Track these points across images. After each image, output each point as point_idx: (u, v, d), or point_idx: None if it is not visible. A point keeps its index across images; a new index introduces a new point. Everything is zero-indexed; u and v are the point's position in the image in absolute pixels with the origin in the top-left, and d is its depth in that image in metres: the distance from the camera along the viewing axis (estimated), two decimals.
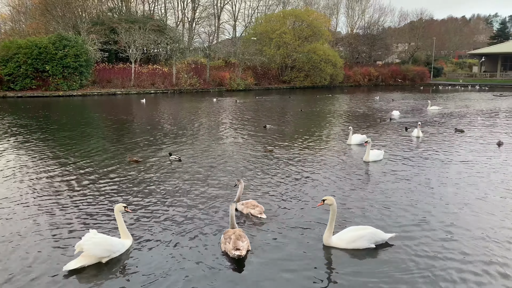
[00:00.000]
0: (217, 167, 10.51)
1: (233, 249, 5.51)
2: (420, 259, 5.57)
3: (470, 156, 11.86)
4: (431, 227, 6.62)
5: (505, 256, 5.72)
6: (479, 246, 5.96)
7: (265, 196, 8.26)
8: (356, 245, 5.83)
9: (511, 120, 21.20)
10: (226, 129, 17.57)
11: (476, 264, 5.46)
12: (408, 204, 7.70)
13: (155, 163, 10.93)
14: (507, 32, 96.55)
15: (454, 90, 51.15)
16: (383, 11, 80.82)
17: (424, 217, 7.04)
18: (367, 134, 14.89)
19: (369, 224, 6.49)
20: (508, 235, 6.38)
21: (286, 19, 56.27)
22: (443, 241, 6.12)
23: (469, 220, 6.94)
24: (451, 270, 5.30)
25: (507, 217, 7.18)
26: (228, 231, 5.94)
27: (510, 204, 7.85)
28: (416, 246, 5.95)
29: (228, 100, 33.67)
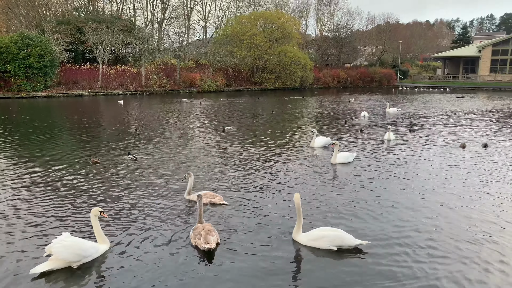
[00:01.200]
0: (176, 166, 10.71)
1: (203, 243, 5.71)
2: (383, 267, 5.40)
3: (436, 159, 11.86)
4: (401, 235, 6.38)
5: (479, 256, 5.89)
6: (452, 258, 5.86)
7: (230, 195, 8.36)
8: (316, 244, 5.87)
9: (473, 121, 22.10)
10: (188, 131, 17.43)
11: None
12: (376, 209, 7.56)
13: (117, 164, 10.95)
14: (468, 37, 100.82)
15: (420, 92, 52.85)
16: (351, 15, 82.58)
17: (395, 224, 6.85)
18: (333, 137, 14.74)
19: (341, 227, 6.44)
20: (479, 238, 6.44)
21: (257, 21, 56.51)
22: (414, 249, 5.95)
23: (442, 225, 6.82)
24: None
25: (476, 220, 7.38)
26: (198, 227, 6.09)
27: (477, 208, 7.96)
28: (383, 255, 5.71)
29: (195, 102, 33.43)
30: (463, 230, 6.61)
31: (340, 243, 5.81)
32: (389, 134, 14.97)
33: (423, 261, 5.57)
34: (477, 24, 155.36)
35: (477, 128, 18.94)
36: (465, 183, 9.40)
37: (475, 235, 6.44)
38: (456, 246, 6.01)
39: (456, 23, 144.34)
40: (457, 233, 6.49)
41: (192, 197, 7.85)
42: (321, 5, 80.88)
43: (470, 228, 6.77)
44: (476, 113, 25.71)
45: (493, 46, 69.24)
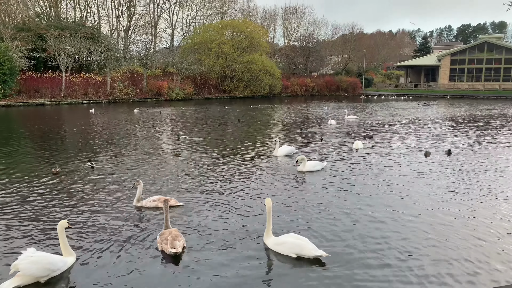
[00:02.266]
0: (133, 174, 10.66)
1: (170, 248, 5.84)
2: (343, 280, 5.33)
3: (400, 167, 11.92)
4: (366, 248, 6.26)
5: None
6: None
7: (192, 200, 8.34)
8: (279, 249, 5.97)
9: (435, 129, 22.94)
10: (145, 139, 17.17)
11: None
12: (341, 219, 7.46)
13: (76, 173, 10.80)
14: (428, 46, 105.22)
15: (385, 100, 54.48)
16: (318, 24, 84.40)
17: (359, 234, 6.74)
18: (297, 147, 14.46)
19: (305, 235, 6.35)
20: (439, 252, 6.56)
21: (225, 29, 56.68)
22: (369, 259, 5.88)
23: (406, 236, 6.78)
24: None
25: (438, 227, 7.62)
26: (164, 232, 6.19)
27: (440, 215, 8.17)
28: (344, 267, 5.64)
29: (154, 111, 32.94)
30: (428, 241, 6.60)
31: (299, 251, 5.81)
32: (357, 143, 14.94)
33: (384, 274, 5.54)
34: (437, 35, 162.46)
35: (440, 135, 19.63)
36: (430, 190, 9.49)
37: (438, 243, 6.55)
38: (421, 260, 5.90)
39: (417, 33, 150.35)
40: (424, 245, 6.36)
41: (145, 203, 7.91)
42: (288, 15, 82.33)
43: (434, 237, 6.92)
44: (439, 120, 26.73)
45: (451, 55, 72.51)
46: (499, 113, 33.10)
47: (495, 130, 21.41)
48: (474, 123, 24.80)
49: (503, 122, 25.92)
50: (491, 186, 9.96)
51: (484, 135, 19.38)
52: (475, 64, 70.07)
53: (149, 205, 7.88)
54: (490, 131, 21.15)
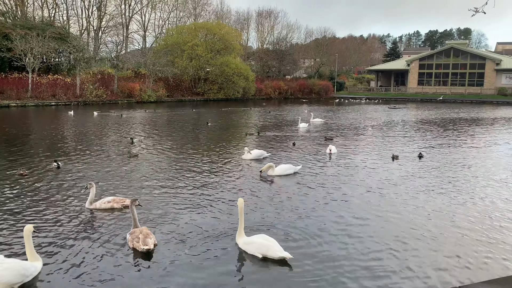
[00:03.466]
0: (89, 178, 10.42)
1: (142, 245, 5.99)
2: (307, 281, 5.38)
3: (371, 169, 12.02)
4: (330, 252, 6.24)
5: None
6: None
7: (162, 200, 8.17)
8: (247, 248, 6.13)
9: (405, 132, 23.50)
10: (101, 142, 16.83)
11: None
12: (308, 222, 7.45)
13: (43, 175, 10.65)
14: (398, 51, 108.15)
15: (357, 103, 55.47)
16: (291, 28, 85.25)
17: (325, 240, 6.67)
18: (271, 152, 14.35)
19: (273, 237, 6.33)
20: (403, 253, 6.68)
21: (198, 31, 56.33)
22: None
23: (378, 240, 6.81)
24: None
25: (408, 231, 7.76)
26: (135, 230, 6.29)
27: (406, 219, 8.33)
28: (309, 269, 5.66)
29: (114, 114, 32.30)
30: (396, 249, 6.53)
31: (265, 252, 5.92)
32: (330, 147, 14.52)
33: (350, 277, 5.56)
34: (406, 40, 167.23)
35: (410, 137, 20.13)
36: (398, 194, 9.54)
37: (405, 243, 6.68)
38: (387, 265, 5.87)
39: (387, 38, 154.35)
40: (390, 253, 6.30)
41: (99, 205, 7.92)
42: (261, 18, 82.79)
43: (401, 237, 7.05)
44: (410, 123, 27.43)
45: (420, 60, 74.75)
46: (466, 116, 34.32)
47: (462, 133, 22.15)
48: (442, 126, 25.59)
49: (469, 125, 26.88)
50: (461, 187, 10.27)
51: (452, 138, 20.01)
52: (442, 68, 72.49)
53: (104, 206, 7.90)
54: (458, 133, 21.87)
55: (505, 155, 15.22)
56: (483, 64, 68.99)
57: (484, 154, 15.38)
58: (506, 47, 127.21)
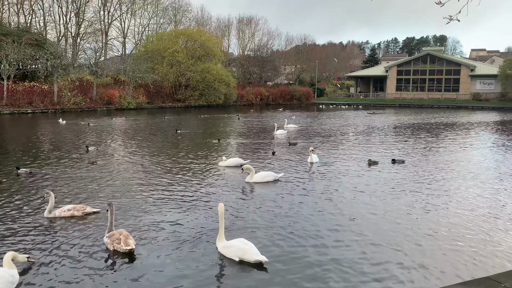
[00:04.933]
0: (48, 186, 10.35)
1: (124, 245, 6.17)
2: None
3: (350, 176, 12.12)
4: (305, 254, 6.38)
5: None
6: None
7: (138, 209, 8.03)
8: (224, 251, 6.24)
9: (382, 137, 23.87)
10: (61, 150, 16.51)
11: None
12: (285, 227, 7.53)
13: (16, 182, 10.60)
14: (377, 58, 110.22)
15: (337, 109, 56.13)
16: (271, 35, 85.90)
17: (299, 243, 6.80)
18: (251, 161, 13.99)
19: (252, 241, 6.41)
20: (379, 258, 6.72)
21: (179, 38, 56.14)
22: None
23: (351, 247, 6.78)
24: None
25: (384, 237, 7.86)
26: (114, 233, 6.44)
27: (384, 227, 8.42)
28: (283, 273, 5.77)
29: (82, 123, 31.80)
30: (371, 255, 6.49)
31: (241, 255, 6.03)
32: (312, 156, 14.01)
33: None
34: (384, 47, 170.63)
35: (389, 142, 20.46)
36: (372, 200, 9.69)
37: (380, 248, 6.75)
38: (363, 270, 5.91)
39: (366, 45, 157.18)
40: (366, 258, 6.30)
41: (59, 213, 7.84)
42: (242, 25, 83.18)
43: (376, 242, 7.14)
44: (386, 128, 27.90)
45: (397, 66, 76.32)
46: (443, 121, 35.15)
47: (439, 137, 22.66)
48: (420, 131, 26.13)
49: (446, 129, 27.53)
50: (438, 190, 10.49)
51: (429, 142, 20.44)
52: (419, 74, 74.15)
53: (64, 214, 7.85)
54: (435, 138, 22.36)
55: (481, 158, 15.64)
56: (458, 70, 70.92)
57: (460, 157, 15.75)
58: (479, 53, 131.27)
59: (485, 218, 8.26)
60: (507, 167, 13.66)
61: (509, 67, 59.43)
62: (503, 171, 13.07)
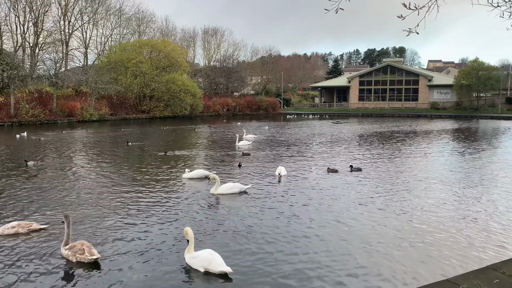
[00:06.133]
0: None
1: (89, 255, 6.19)
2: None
3: (311, 187, 12.10)
4: (267, 264, 6.40)
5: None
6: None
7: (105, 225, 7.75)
8: (191, 262, 6.31)
9: (345, 145, 24.36)
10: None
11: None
12: (249, 238, 7.54)
13: None
14: (340, 69, 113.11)
15: (301, 119, 56.94)
16: (237, 46, 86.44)
17: (264, 254, 6.79)
18: (212, 169, 14.07)
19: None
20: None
21: (143, 48, 55.38)
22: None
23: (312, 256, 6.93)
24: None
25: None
26: (75, 245, 6.39)
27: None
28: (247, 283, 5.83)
29: (34, 137, 30.67)
30: (331, 263, 6.55)
31: (206, 265, 6.09)
32: (280, 169, 13.49)
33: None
34: (346, 58, 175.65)
35: (353, 151, 20.91)
36: (333, 207, 9.77)
37: (343, 256, 6.85)
38: (325, 279, 5.96)
39: (329, 56, 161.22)
40: (330, 269, 6.32)
41: (1, 231, 7.57)
42: (208, 36, 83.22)
43: (338, 251, 7.24)
44: (353, 137, 28.54)
45: (359, 77, 78.57)
46: (404, 129, 36.39)
47: (400, 145, 23.41)
48: (382, 139, 26.91)
49: (406, 137, 28.51)
50: (398, 195, 10.78)
51: (390, 149, 21.07)
52: (381, 85, 76.64)
53: (7, 232, 7.59)
54: (396, 145, 23.08)
55: (439, 164, 16.26)
56: (417, 80, 73.88)
57: (420, 163, 16.32)
58: (436, 64, 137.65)
59: (443, 220, 8.55)
60: (463, 173, 14.28)
61: (463, 78, 62.51)
62: (459, 177, 13.64)
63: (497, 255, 6.71)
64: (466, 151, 20.50)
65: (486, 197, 10.68)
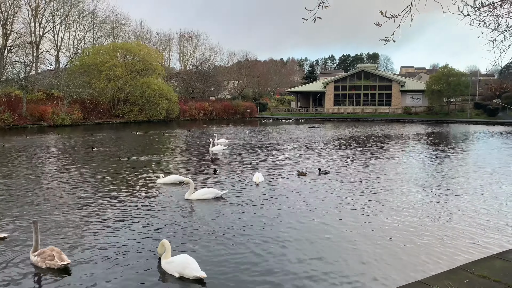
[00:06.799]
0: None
1: (60, 261, 6.11)
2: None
3: (286, 191, 12.19)
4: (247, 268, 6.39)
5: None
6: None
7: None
8: (166, 267, 6.28)
9: (318, 149, 24.58)
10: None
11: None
12: (223, 242, 7.53)
13: None
14: (315, 74, 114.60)
15: (278, 123, 57.20)
16: (213, 50, 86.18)
17: (239, 259, 6.75)
18: (186, 174, 13.82)
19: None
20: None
21: (117, 52, 54.49)
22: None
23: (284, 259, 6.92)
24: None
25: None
26: (45, 251, 6.28)
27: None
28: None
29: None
30: (304, 268, 6.61)
31: (181, 270, 6.08)
32: (257, 176, 13.13)
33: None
34: (322, 63, 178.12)
35: (321, 155, 21.09)
36: (305, 210, 9.90)
37: (315, 260, 6.90)
38: (299, 283, 5.97)
39: (305, 61, 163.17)
40: (303, 271, 6.36)
41: None
42: (184, 40, 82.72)
43: (311, 254, 7.25)
44: (325, 141, 28.83)
45: (334, 82, 79.73)
46: (377, 133, 37.07)
47: (374, 148, 23.81)
48: (356, 143, 27.31)
49: (380, 141, 29.04)
50: (371, 198, 10.92)
51: (364, 153, 21.39)
52: (355, 90, 77.98)
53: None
54: (370, 149, 23.46)
55: (411, 167, 16.61)
56: (390, 85, 75.57)
57: (392, 166, 16.62)
58: (408, 70, 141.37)
59: (415, 222, 8.70)
60: (435, 176, 14.63)
61: (434, 83, 64.34)
62: (431, 179, 13.96)
63: (467, 256, 6.85)
64: (438, 154, 21.04)
65: (457, 199, 10.95)
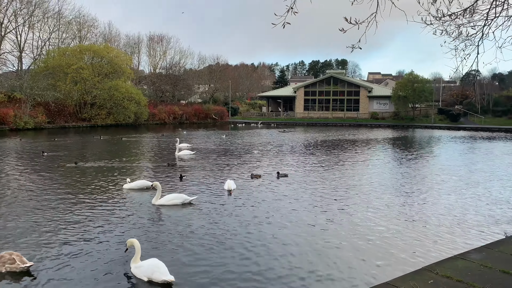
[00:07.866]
0: None
1: (21, 264, 6.00)
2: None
3: (251, 196, 12.19)
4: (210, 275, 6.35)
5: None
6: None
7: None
8: (135, 272, 6.27)
9: (293, 153, 24.80)
10: None
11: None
12: (193, 247, 7.48)
13: None
14: (286, 79, 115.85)
15: (249, 128, 57.31)
16: (184, 54, 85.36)
17: (206, 263, 6.75)
18: (152, 179, 13.39)
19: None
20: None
21: (84, 54, 53.06)
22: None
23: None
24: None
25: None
26: (3, 255, 6.17)
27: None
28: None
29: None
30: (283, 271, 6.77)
31: (150, 274, 6.07)
32: (229, 183, 12.62)
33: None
34: (292, 69, 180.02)
35: (290, 158, 21.30)
36: (272, 213, 9.90)
37: (283, 261, 6.96)
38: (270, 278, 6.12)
39: (276, 67, 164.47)
40: (274, 274, 6.41)
41: None
42: (153, 43, 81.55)
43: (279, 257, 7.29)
44: (294, 145, 29.11)
45: (305, 88, 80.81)
46: (345, 138, 37.81)
47: (342, 152, 24.25)
48: (325, 147, 27.73)
49: (348, 145, 29.62)
50: (335, 201, 11.09)
51: (331, 156, 21.74)
52: (324, 95, 79.31)
53: None
54: (338, 152, 23.87)
55: (377, 170, 17.02)
56: (358, 91, 77.35)
57: (356, 170, 16.99)
58: (375, 76, 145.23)
59: (381, 224, 8.90)
60: (401, 178, 15.04)
61: (400, 89, 66.38)
62: (397, 182, 14.35)
63: (432, 257, 7.06)
64: (404, 158, 21.68)
65: (422, 201, 11.30)
